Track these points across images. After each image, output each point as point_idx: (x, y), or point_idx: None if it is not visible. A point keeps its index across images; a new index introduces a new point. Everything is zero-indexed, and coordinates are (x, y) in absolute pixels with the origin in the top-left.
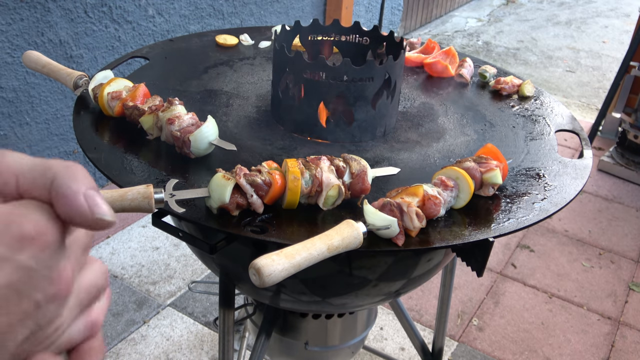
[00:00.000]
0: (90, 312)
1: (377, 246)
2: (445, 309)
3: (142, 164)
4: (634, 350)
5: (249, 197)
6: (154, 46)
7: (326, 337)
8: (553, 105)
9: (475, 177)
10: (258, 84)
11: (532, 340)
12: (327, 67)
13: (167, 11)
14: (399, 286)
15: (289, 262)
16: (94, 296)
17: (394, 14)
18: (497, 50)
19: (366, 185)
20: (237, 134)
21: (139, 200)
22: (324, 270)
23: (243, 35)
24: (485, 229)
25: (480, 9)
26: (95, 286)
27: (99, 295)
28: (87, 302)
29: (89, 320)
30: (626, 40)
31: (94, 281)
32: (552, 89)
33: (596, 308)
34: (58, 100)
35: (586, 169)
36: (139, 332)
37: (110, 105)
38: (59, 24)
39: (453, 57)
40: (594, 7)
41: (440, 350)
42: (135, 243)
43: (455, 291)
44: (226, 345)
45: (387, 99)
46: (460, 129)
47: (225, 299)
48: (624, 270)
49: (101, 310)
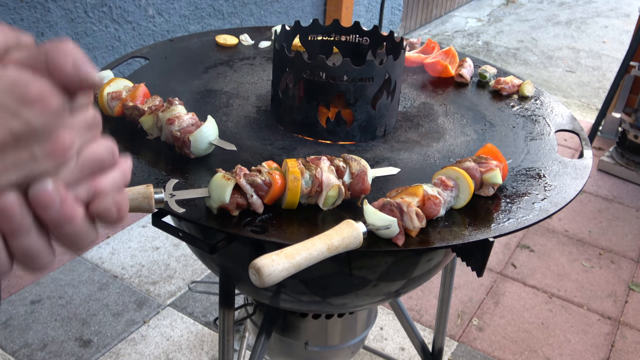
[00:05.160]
0: (94, 179)
1: (377, 246)
2: (445, 309)
3: (142, 164)
4: (634, 350)
5: (249, 197)
6: (154, 46)
7: (326, 337)
8: (553, 105)
9: (475, 177)
10: (258, 84)
11: (532, 340)
12: (327, 67)
13: (167, 11)
14: (399, 286)
15: (289, 262)
16: (99, 165)
17: (394, 14)
18: (497, 50)
19: (366, 186)
20: (237, 134)
21: (139, 200)
22: (324, 270)
23: (243, 35)
24: (485, 229)
25: (480, 9)
26: (99, 157)
27: (104, 166)
28: (89, 169)
29: (93, 185)
30: (626, 40)
31: (97, 153)
32: (552, 89)
33: (596, 308)
34: None
35: (586, 169)
36: (139, 332)
37: (110, 106)
38: (59, 24)
39: (453, 57)
40: (594, 7)
41: (440, 350)
42: (135, 243)
43: (455, 291)
44: (226, 345)
45: (387, 99)
46: (460, 129)
47: (225, 299)
48: (624, 270)
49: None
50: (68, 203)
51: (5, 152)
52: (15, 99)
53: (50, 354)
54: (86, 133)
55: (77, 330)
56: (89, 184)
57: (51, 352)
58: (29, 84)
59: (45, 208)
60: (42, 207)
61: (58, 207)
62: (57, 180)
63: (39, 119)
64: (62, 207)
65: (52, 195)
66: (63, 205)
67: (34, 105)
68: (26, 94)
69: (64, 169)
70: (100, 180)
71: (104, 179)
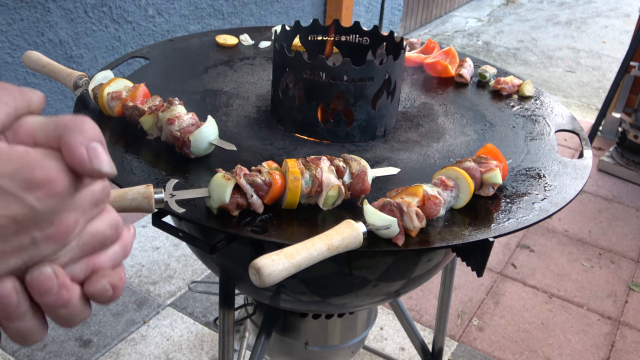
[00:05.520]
0: (94, 256)
1: (377, 246)
2: (445, 309)
3: (142, 164)
4: (634, 350)
5: (249, 197)
6: (154, 46)
7: (326, 337)
8: (553, 105)
9: (475, 177)
10: (258, 84)
11: (532, 340)
12: (327, 67)
13: (167, 11)
14: (399, 286)
15: (289, 262)
16: (100, 243)
17: (394, 14)
18: (497, 50)
19: (366, 186)
20: (237, 134)
21: (139, 200)
22: (324, 270)
23: (243, 35)
24: (485, 229)
25: (480, 9)
26: (101, 234)
27: (105, 243)
28: (91, 247)
29: (91, 263)
30: (626, 40)
31: (100, 230)
32: (552, 89)
33: (596, 308)
34: (58, 100)
35: (586, 169)
36: (139, 332)
37: (110, 106)
38: (59, 24)
39: (453, 57)
40: (594, 7)
41: (440, 350)
42: (135, 243)
43: (455, 291)
44: (226, 345)
45: (387, 99)
46: (460, 129)
47: (225, 299)
48: (624, 270)
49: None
50: (65, 287)
51: (5, 238)
52: (20, 183)
53: (50, 354)
54: (91, 210)
55: (77, 330)
56: (88, 260)
57: (51, 352)
58: (36, 167)
59: (43, 295)
60: (40, 293)
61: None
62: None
63: (43, 204)
64: (59, 292)
65: (50, 282)
66: (60, 290)
67: (39, 189)
68: (32, 178)
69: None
70: (99, 256)
71: (103, 255)
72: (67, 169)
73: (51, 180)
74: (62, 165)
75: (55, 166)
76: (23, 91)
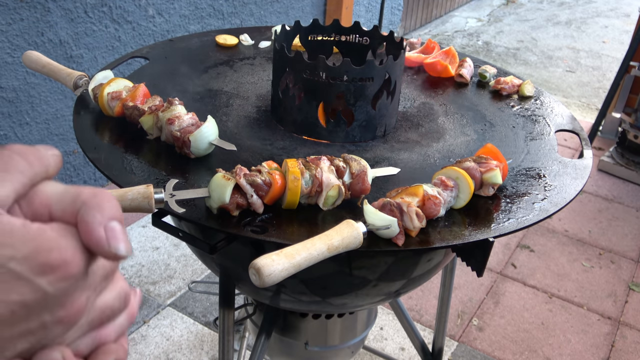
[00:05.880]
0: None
1: (377, 246)
2: (445, 309)
3: (142, 164)
4: (634, 350)
5: (249, 197)
6: (154, 46)
7: (326, 337)
8: (553, 105)
9: (475, 177)
10: (258, 84)
11: (532, 340)
12: (327, 67)
13: (167, 11)
14: (399, 286)
15: (289, 262)
16: (108, 317)
17: (394, 14)
18: (497, 50)
19: (366, 186)
20: (237, 134)
21: (139, 200)
22: (324, 270)
23: (243, 35)
24: (485, 229)
25: (480, 9)
26: (110, 308)
27: (113, 316)
28: (99, 322)
29: (98, 337)
30: (626, 40)
31: (110, 303)
32: (552, 89)
33: (596, 308)
34: (58, 100)
35: (586, 169)
36: (139, 332)
37: (110, 106)
38: (59, 24)
39: (453, 57)
40: (594, 7)
41: (440, 350)
42: (135, 243)
43: (455, 291)
44: (226, 345)
45: (387, 99)
46: (460, 129)
47: (225, 299)
48: (624, 270)
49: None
50: None
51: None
52: (34, 268)
53: None
54: (101, 284)
55: None
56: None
57: None
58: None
59: None
60: None
61: None
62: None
63: (56, 288)
64: None
65: None
66: None
67: (53, 273)
68: (47, 262)
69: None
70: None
71: (110, 326)
72: (83, 248)
73: (67, 262)
74: (78, 244)
75: (71, 246)
76: (41, 156)
